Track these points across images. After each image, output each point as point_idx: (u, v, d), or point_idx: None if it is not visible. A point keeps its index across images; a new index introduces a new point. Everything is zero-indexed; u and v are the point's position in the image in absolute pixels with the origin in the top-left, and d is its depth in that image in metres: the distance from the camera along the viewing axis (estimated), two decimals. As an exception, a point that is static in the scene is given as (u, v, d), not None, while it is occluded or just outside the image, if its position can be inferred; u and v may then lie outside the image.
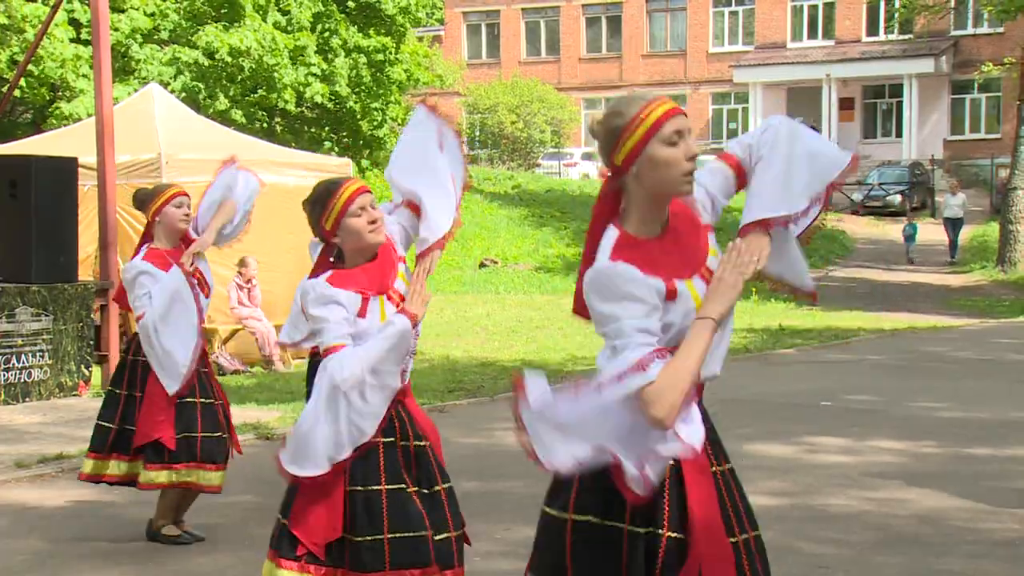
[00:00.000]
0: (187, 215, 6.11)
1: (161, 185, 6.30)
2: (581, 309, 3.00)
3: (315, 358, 7.04)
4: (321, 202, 4.00)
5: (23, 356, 10.51)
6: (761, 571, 2.99)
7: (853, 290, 25.15)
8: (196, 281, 6.06)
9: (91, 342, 11.19)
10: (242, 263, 12.80)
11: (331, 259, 4.06)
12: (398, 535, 3.84)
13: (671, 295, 2.86)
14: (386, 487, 3.87)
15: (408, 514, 3.87)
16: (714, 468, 2.99)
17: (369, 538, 3.83)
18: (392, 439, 3.93)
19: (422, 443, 4.00)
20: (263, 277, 13.03)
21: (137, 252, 6.12)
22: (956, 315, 20.98)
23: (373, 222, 3.96)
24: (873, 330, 17.84)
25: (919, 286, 25.94)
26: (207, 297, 6.17)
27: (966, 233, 30.98)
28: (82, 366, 11.04)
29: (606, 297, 2.82)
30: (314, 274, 4.02)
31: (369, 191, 4.05)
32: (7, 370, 10.38)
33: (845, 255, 31.05)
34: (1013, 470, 7.98)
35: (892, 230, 32.53)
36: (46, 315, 10.72)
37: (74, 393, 10.90)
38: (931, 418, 10.05)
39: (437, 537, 3.91)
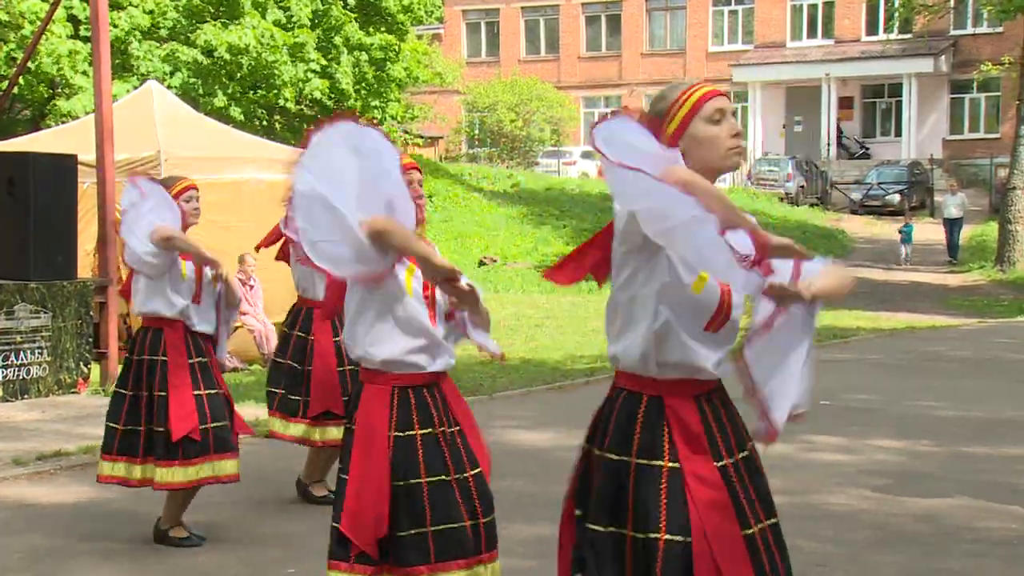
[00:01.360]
0: (196, 209, 6.13)
1: (171, 178, 6.30)
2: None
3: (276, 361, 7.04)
4: None
5: (22, 353, 10.51)
6: (779, 558, 3.01)
7: (852, 289, 25.14)
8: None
9: (90, 339, 11.18)
10: (241, 260, 12.80)
11: None
12: (441, 527, 3.80)
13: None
14: (427, 479, 3.83)
15: (449, 505, 3.83)
16: (723, 462, 2.99)
17: (413, 532, 3.79)
18: (430, 429, 3.89)
19: (455, 428, 3.97)
20: (260, 275, 13.01)
21: None
22: (955, 315, 20.98)
23: (418, 197, 3.97)
24: (872, 329, 17.84)
25: (918, 286, 25.95)
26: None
27: (964, 233, 30.94)
28: (81, 363, 11.04)
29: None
30: None
31: (419, 169, 4.05)
32: (6, 367, 10.37)
33: (844, 254, 31.04)
34: (1011, 469, 7.99)
35: (891, 229, 32.51)
36: (45, 312, 10.72)
37: (73, 390, 10.90)
38: (930, 417, 10.05)
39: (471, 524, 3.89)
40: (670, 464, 2.93)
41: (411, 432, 3.86)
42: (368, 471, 3.81)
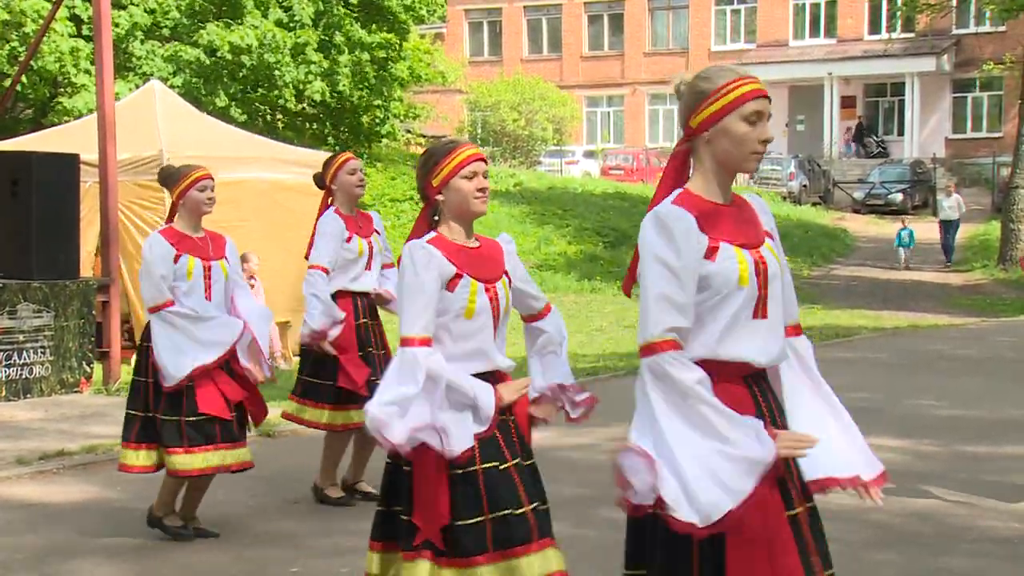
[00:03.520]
0: (211, 199, 6.12)
1: (187, 167, 6.25)
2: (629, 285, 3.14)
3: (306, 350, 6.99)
4: (435, 158, 3.94)
5: (24, 352, 10.52)
6: (820, 549, 3.05)
7: (854, 288, 25.15)
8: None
9: (92, 339, 11.19)
10: (243, 259, 12.80)
11: (429, 221, 3.97)
12: (499, 514, 3.75)
13: (711, 253, 2.94)
14: (481, 467, 3.79)
15: (504, 491, 3.78)
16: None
17: (471, 521, 3.74)
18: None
19: (509, 418, 3.94)
20: (262, 276, 13.01)
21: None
22: (957, 314, 20.97)
23: (481, 191, 3.93)
24: (875, 328, 17.84)
25: (920, 285, 25.94)
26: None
27: (967, 232, 30.86)
28: (83, 363, 11.05)
29: (655, 237, 2.93)
30: (415, 236, 3.95)
31: (485, 160, 4.00)
32: (8, 366, 10.39)
33: (846, 253, 31.04)
34: (1013, 468, 7.99)
35: (893, 229, 32.50)
36: (47, 311, 10.73)
37: (76, 390, 10.91)
38: (931, 416, 10.06)
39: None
40: None
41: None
42: (433, 460, 3.76)
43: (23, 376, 10.52)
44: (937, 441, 8.93)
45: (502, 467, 3.83)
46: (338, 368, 6.68)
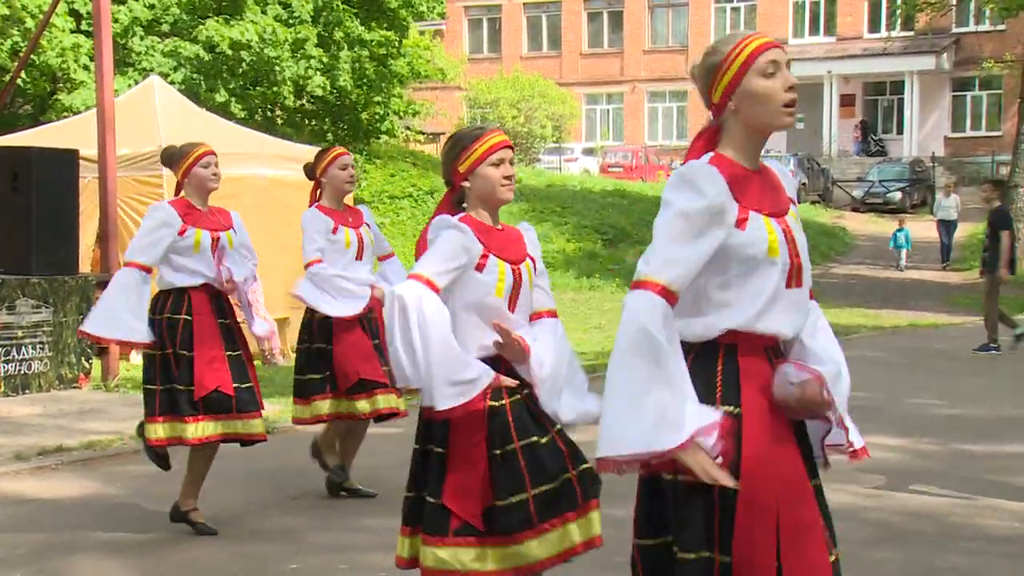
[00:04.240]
0: (216, 174, 6.14)
1: (189, 144, 6.27)
2: None
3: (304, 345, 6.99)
4: (463, 144, 3.94)
5: (23, 348, 10.52)
6: (826, 520, 3.14)
7: (853, 287, 25.14)
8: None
9: (91, 334, 11.17)
10: (243, 256, 12.79)
11: (454, 206, 3.97)
12: (541, 489, 3.75)
13: (741, 223, 2.88)
14: (519, 443, 3.78)
15: (545, 465, 3.78)
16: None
17: (515, 499, 3.73)
18: (517, 397, 3.85)
19: (530, 391, 3.92)
20: (260, 269, 12.98)
21: None
22: (956, 313, 20.97)
23: (508, 178, 3.93)
24: (874, 327, 17.85)
25: (919, 283, 25.94)
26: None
27: (966, 231, 30.86)
28: (82, 359, 11.04)
29: (679, 186, 2.85)
30: (440, 213, 3.93)
31: (512, 148, 3.99)
32: (7, 362, 10.38)
33: (845, 252, 31.04)
34: (1012, 466, 7.99)
35: (892, 227, 32.50)
36: (46, 307, 10.72)
37: (74, 385, 10.91)
38: (931, 415, 10.06)
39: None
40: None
41: (503, 401, 3.82)
42: (468, 441, 3.76)
43: (22, 372, 10.51)
44: (936, 440, 8.93)
45: (543, 439, 3.82)
46: (335, 359, 6.69)
